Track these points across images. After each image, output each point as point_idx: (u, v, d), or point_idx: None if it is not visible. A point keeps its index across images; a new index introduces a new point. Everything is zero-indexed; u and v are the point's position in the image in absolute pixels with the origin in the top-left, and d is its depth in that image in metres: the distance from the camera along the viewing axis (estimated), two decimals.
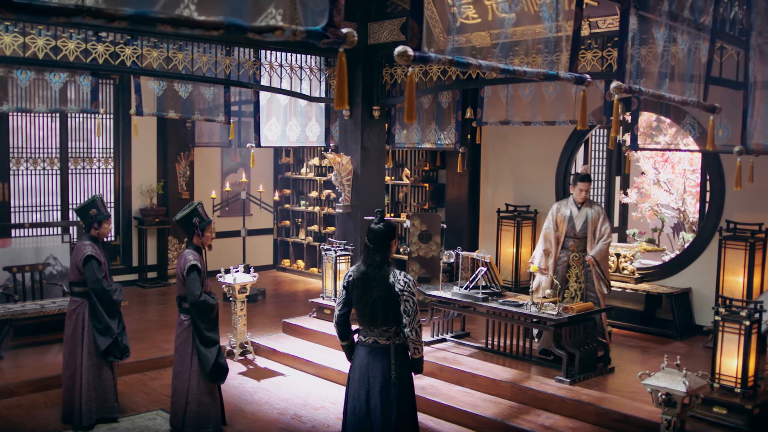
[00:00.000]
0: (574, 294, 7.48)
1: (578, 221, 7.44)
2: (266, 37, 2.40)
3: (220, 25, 2.32)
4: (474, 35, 7.50)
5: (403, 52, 2.78)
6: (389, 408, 4.41)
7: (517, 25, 5.40)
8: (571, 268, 7.50)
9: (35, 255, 9.29)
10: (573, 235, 7.46)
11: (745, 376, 5.84)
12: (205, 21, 2.30)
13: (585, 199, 7.45)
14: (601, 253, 7.28)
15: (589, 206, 7.46)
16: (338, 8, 2.55)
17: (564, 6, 4.13)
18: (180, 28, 2.26)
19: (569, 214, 7.50)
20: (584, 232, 7.42)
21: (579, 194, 7.43)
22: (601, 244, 7.29)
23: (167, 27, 2.24)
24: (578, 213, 7.46)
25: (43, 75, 7.54)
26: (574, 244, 7.46)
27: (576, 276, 7.49)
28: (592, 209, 7.44)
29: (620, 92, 3.82)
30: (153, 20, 2.21)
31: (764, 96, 5.21)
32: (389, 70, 9.16)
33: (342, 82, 2.62)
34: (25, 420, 6.46)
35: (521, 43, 5.03)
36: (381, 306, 4.40)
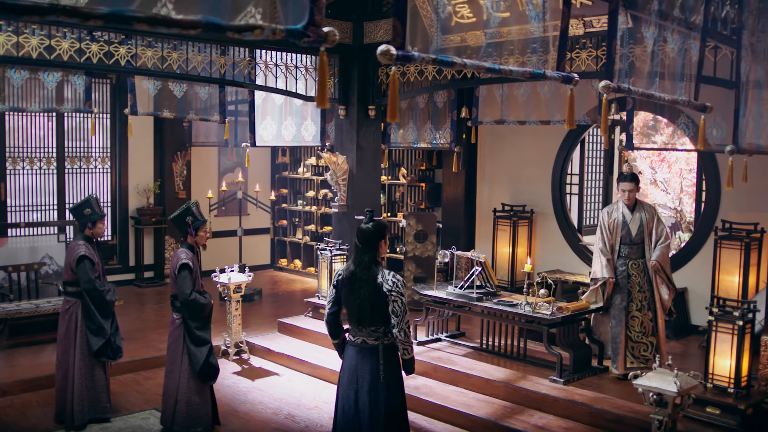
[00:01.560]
0: (640, 305, 6.94)
1: (633, 226, 6.94)
2: (245, 36, 2.39)
3: (197, 23, 2.31)
4: (469, 34, 7.51)
5: (386, 50, 2.76)
6: (377, 408, 4.40)
7: (512, 25, 5.39)
8: (632, 278, 6.94)
9: (31, 254, 9.31)
10: (629, 241, 6.95)
11: (738, 377, 5.83)
12: (182, 20, 2.29)
13: (633, 201, 6.97)
14: (663, 257, 6.86)
15: (642, 209, 6.99)
16: (319, 7, 2.54)
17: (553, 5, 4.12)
18: (157, 27, 2.25)
19: (622, 218, 6.98)
20: (641, 237, 6.93)
21: (624, 196, 6.97)
22: (661, 247, 6.84)
23: (144, 26, 2.23)
24: (632, 217, 6.95)
25: (37, 74, 7.53)
26: (632, 251, 6.96)
27: (639, 285, 6.93)
28: (646, 212, 6.97)
29: (609, 91, 3.80)
30: (129, 19, 2.20)
31: (756, 95, 5.20)
32: (385, 69, 9.14)
33: (323, 81, 2.60)
34: (18, 420, 6.46)
35: (516, 43, 5.02)
36: (369, 306, 4.39)
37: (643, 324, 6.92)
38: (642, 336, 6.92)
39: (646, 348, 6.91)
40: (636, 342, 6.92)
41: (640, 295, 6.93)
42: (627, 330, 6.92)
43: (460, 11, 7.57)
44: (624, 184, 6.93)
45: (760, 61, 5.16)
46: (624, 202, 6.97)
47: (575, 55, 7.30)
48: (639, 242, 6.93)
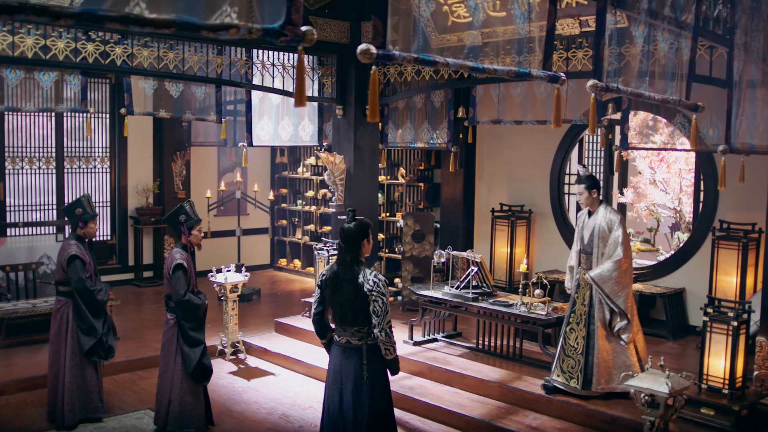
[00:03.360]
0: (579, 319, 6.34)
1: (586, 233, 6.36)
2: (220, 35, 2.38)
3: (171, 23, 2.30)
4: (465, 34, 7.49)
5: (366, 50, 2.75)
6: (361, 409, 4.39)
7: (508, 24, 5.38)
8: (580, 288, 6.40)
9: (29, 254, 9.31)
10: (582, 248, 6.43)
11: (732, 377, 5.80)
12: (155, 19, 2.28)
13: (588, 205, 6.35)
14: (602, 274, 6.11)
15: (599, 216, 6.26)
16: (296, 5, 2.53)
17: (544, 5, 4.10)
18: (130, 26, 2.24)
19: (582, 223, 6.46)
20: (591, 246, 6.30)
21: (579, 199, 6.45)
22: (606, 261, 6.13)
23: (116, 25, 2.22)
24: (587, 222, 6.38)
25: (32, 74, 7.53)
26: (584, 259, 6.41)
27: (583, 298, 6.34)
28: (603, 220, 6.23)
29: (597, 90, 3.79)
30: (101, 18, 2.19)
31: (750, 95, 5.17)
32: (382, 69, 9.13)
33: (301, 80, 2.60)
34: (13, 419, 6.47)
35: (512, 42, 5.00)
36: (350, 306, 4.38)
37: (577, 340, 6.34)
38: (572, 351, 6.35)
39: (573, 365, 6.33)
40: (567, 356, 6.39)
41: (581, 309, 6.35)
42: (564, 341, 6.46)
43: (456, 11, 7.56)
44: (577, 186, 6.43)
45: (753, 61, 5.13)
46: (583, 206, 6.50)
47: (571, 55, 7.28)
48: (590, 251, 6.33)
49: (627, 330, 6.18)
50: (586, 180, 6.33)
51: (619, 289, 6.13)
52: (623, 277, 6.13)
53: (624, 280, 6.14)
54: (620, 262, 6.10)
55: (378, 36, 2.81)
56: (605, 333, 6.25)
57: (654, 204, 10.57)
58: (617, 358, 6.25)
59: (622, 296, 6.13)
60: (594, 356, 6.26)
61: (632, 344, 6.25)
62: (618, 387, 6.17)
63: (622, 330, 6.19)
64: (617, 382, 6.15)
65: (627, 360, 6.22)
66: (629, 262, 6.19)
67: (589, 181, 6.32)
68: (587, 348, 6.28)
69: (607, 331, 6.24)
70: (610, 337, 6.25)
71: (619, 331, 6.19)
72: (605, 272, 6.12)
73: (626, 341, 6.20)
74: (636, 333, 6.28)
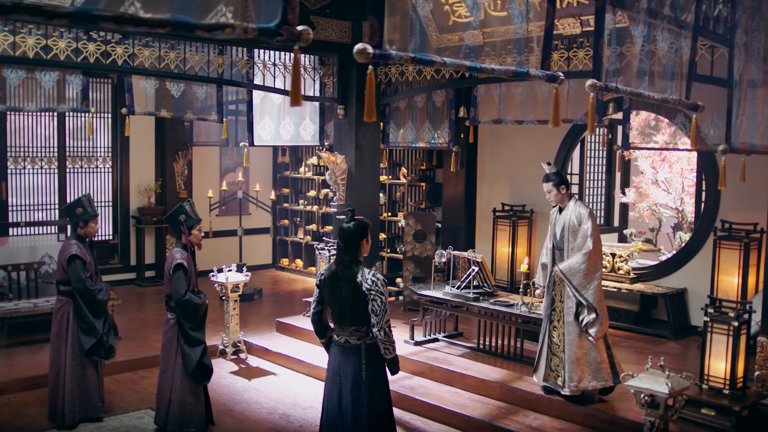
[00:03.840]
0: (559, 316, 6.29)
1: (558, 228, 6.36)
2: (216, 35, 2.37)
3: (166, 22, 2.29)
4: (467, 34, 7.49)
5: (362, 49, 2.75)
6: (360, 408, 4.39)
7: (508, 24, 5.37)
8: (556, 285, 6.35)
9: (31, 253, 9.33)
10: (555, 244, 6.41)
11: (733, 378, 5.78)
12: (150, 18, 2.27)
13: (558, 202, 6.35)
14: (571, 266, 6.09)
15: (570, 211, 6.27)
16: (292, 5, 2.52)
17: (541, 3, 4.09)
18: (124, 26, 2.24)
19: (553, 220, 6.47)
20: (563, 242, 6.30)
21: (548, 197, 6.41)
22: (576, 254, 6.12)
23: (111, 24, 2.22)
24: (558, 218, 6.39)
25: (33, 74, 7.54)
26: (558, 255, 6.39)
27: (560, 295, 6.30)
28: (572, 214, 6.23)
29: (595, 90, 3.78)
30: (95, 18, 2.19)
31: (750, 94, 5.15)
32: (384, 69, 9.12)
33: (296, 80, 2.59)
34: (13, 418, 6.48)
35: (513, 42, 5.00)
36: (349, 305, 4.38)
37: (559, 337, 6.28)
38: (557, 349, 6.30)
39: (557, 363, 6.29)
40: (553, 354, 6.34)
41: (560, 305, 6.29)
42: (549, 338, 6.39)
43: (457, 10, 7.55)
44: (544, 185, 6.37)
45: (754, 60, 5.11)
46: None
47: (572, 54, 7.27)
48: (562, 247, 6.30)
49: (595, 324, 6.08)
50: (554, 177, 6.31)
51: (587, 282, 6.07)
52: (592, 269, 6.08)
53: (593, 272, 6.09)
54: (589, 254, 6.07)
55: (375, 35, 2.82)
56: (577, 329, 6.18)
57: (656, 204, 10.55)
58: (588, 355, 6.16)
59: (591, 289, 6.06)
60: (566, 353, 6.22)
61: (602, 340, 6.17)
62: (589, 385, 6.16)
63: (590, 324, 6.09)
64: (588, 381, 6.15)
65: (597, 356, 6.13)
66: (598, 255, 6.14)
67: (556, 178, 6.30)
68: (563, 345, 6.25)
69: (578, 326, 6.17)
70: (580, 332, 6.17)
71: (587, 325, 6.10)
72: (574, 265, 6.11)
73: (594, 336, 6.10)
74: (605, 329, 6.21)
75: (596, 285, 6.08)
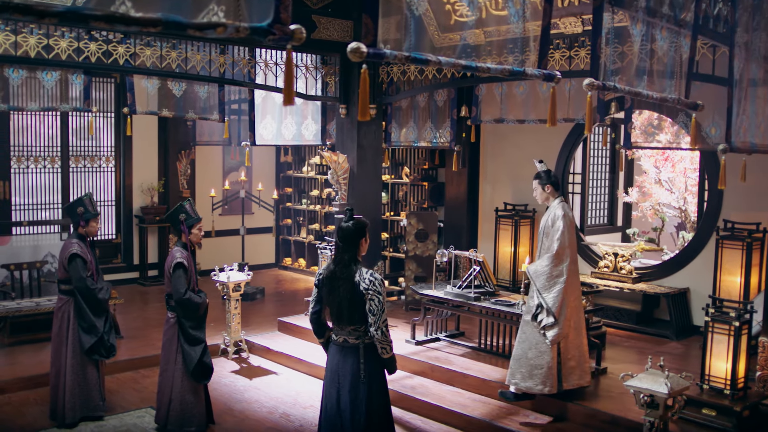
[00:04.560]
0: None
1: (539, 229, 6.39)
2: (207, 34, 2.37)
3: (157, 21, 2.29)
4: (468, 33, 7.48)
5: (356, 48, 2.74)
6: (358, 408, 4.38)
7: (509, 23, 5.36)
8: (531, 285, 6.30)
9: (33, 253, 9.36)
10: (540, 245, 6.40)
11: (734, 378, 5.76)
12: (141, 18, 2.27)
13: (544, 201, 6.33)
14: (536, 268, 6.08)
15: (549, 211, 6.25)
16: (285, 4, 2.52)
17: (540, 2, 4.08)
18: (115, 25, 2.24)
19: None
20: (539, 242, 6.30)
21: (534, 194, 6.44)
22: (542, 258, 6.13)
23: (101, 24, 2.21)
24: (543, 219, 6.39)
25: (35, 73, 7.56)
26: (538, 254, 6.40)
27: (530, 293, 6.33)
28: (550, 215, 6.21)
29: (593, 89, 3.77)
30: (86, 17, 2.19)
31: (751, 93, 5.13)
32: (386, 68, 9.12)
33: (289, 78, 2.59)
34: (15, 417, 6.49)
35: (514, 41, 4.98)
36: (346, 305, 4.38)
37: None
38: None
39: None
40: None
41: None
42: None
43: (458, 9, 7.54)
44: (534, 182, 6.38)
45: (754, 59, 5.09)
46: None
47: (574, 54, 7.26)
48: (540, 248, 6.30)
49: (553, 328, 6.02)
50: (538, 176, 6.32)
51: (550, 285, 6.02)
52: (555, 273, 6.02)
53: (556, 276, 6.02)
54: (553, 257, 6.02)
55: (369, 34, 2.81)
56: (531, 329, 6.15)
57: (659, 203, 10.52)
58: (540, 357, 6.10)
59: (552, 292, 6.01)
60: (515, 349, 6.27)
61: (555, 346, 6.08)
62: (536, 389, 6.14)
63: (548, 327, 6.03)
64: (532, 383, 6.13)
65: (549, 361, 6.06)
66: (561, 260, 6.03)
67: (542, 177, 6.29)
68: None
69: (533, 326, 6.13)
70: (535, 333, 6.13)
71: (545, 327, 6.04)
72: (539, 266, 6.09)
73: (550, 340, 6.03)
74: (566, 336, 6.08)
75: (558, 290, 6.01)
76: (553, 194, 6.28)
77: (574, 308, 6.16)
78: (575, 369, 6.19)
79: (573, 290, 6.14)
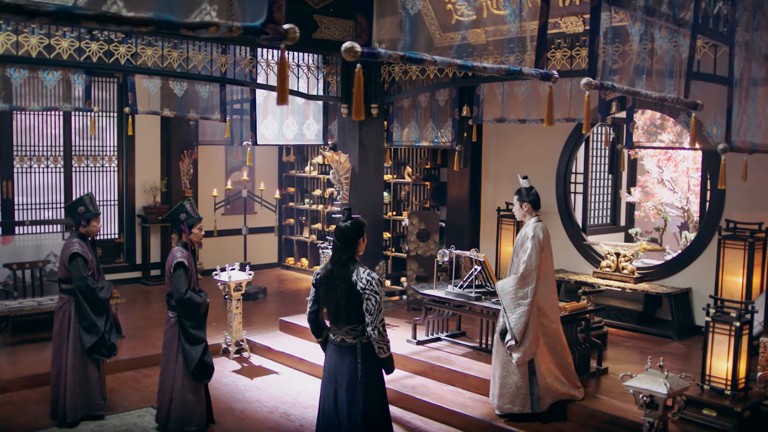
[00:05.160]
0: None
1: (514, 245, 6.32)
2: (199, 34, 2.37)
3: (149, 21, 2.29)
4: (470, 32, 7.46)
5: (350, 47, 2.74)
6: (356, 407, 4.38)
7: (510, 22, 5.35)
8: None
9: (36, 252, 9.37)
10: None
11: (735, 378, 5.74)
12: (133, 17, 2.27)
13: (521, 218, 6.25)
14: (503, 286, 6.09)
15: (524, 229, 6.17)
16: (278, 3, 2.52)
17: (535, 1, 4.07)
18: (107, 25, 2.24)
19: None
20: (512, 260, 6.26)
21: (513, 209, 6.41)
22: (510, 276, 6.12)
23: (93, 23, 2.21)
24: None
25: (36, 73, 7.57)
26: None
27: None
28: (522, 233, 6.15)
29: (590, 88, 3.76)
30: (78, 17, 2.19)
31: (751, 93, 5.11)
32: (387, 68, 9.11)
33: (283, 78, 2.59)
34: (15, 416, 6.51)
35: (516, 41, 4.97)
36: (344, 304, 4.38)
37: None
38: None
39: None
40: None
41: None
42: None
43: (459, 9, 7.53)
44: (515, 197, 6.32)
45: (755, 59, 5.07)
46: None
47: (575, 53, 7.23)
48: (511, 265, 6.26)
49: (518, 350, 6.02)
50: (519, 192, 6.27)
51: (514, 306, 6.02)
52: (520, 295, 6.00)
53: (521, 298, 6.00)
54: (518, 279, 6.00)
55: (363, 33, 2.80)
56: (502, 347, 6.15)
57: (662, 203, 10.49)
58: (509, 377, 6.12)
59: (516, 314, 5.99)
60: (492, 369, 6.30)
61: (525, 366, 6.06)
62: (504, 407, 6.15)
63: (512, 348, 6.03)
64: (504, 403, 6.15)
65: (518, 381, 6.07)
66: (528, 282, 5.98)
67: (520, 193, 6.25)
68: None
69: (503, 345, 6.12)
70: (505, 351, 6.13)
71: (509, 348, 6.05)
72: (506, 285, 6.09)
73: (515, 361, 6.03)
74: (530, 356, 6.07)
75: (521, 312, 5.98)
76: (530, 212, 6.20)
77: (549, 330, 6.14)
78: (554, 389, 6.16)
79: (548, 311, 6.12)
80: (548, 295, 6.12)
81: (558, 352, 6.21)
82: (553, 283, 6.22)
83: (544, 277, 6.04)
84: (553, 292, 6.20)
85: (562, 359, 6.23)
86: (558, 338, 6.22)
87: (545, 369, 6.11)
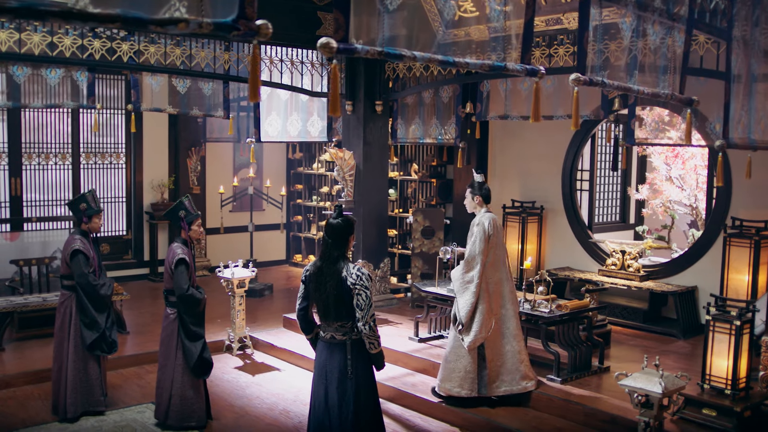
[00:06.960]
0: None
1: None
2: (169, 30, 2.36)
3: (116, 17, 2.28)
4: (473, 29, 7.42)
5: (326, 43, 2.72)
6: (346, 404, 4.38)
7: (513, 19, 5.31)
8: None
9: (43, 249, 9.46)
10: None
11: (735, 378, 5.67)
12: (100, 14, 2.26)
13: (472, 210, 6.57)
14: (454, 273, 6.37)
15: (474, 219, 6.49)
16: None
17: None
18: (72, 21, 2.23)
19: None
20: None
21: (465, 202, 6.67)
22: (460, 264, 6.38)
23: (58, 19, 2.21)
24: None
25: (39, 70, 7.62)
26: None
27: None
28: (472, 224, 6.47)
29: (579, 84, 3.72)
30: (42, 13, 2.18)
31: (750, 89, 5.03)
32: (391, 65, 9.09)
33: (254, 75, 2.57)
34: (17, 411, 6.56)
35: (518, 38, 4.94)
36: (333, 301, 4.38)
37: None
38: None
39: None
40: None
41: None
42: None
43: (462, 5, 7.49)
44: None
45: (754, 54, 4.99)
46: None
47: (576, 49, 7.17)
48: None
49: (467, 333, 6.21)
50: (471, 185, 6.58)
51: (462, 290, 6.25)
52: (466, 277, 6.24)
53: (468, 283, 6.22)
54: (464, 264, 6.28)
55: (340, 29, 2.79)
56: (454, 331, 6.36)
57: (669, 201, 10.40)
58: (459, 360, 6.30)
59: (463, 298, 6.22)
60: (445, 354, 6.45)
61: (476, 351, 6.24)
62: (453, 391, 6.32)
63: (462, 331, 6.24)
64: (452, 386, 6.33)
65: (468, 365, 6.25)
66: (473, 266, 6.22)
67: (473, 187, 6.56)
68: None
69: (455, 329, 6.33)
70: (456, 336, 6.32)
71: (460, 331, 6.26)
72: (455, 272, 6.37)
73: (466, 345, 6.21)
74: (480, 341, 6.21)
75: (468, 296, 6.20)
76: (480, 204, 6.51)
77: (502, 315, 6.32)
78: (503, 375, 6.31)
79: (498, 297, 6.31)
80: (500, 281, 6.31)
81: (509, 339, 6.35)
82: (507, 271, 6.42)
83: (494, 264, 6.27)
84: (506, 279, 6.38)
85: (513, 346, 6.34)
86: (509, 325, 6.35)
87: (494, 354, 6.29)
